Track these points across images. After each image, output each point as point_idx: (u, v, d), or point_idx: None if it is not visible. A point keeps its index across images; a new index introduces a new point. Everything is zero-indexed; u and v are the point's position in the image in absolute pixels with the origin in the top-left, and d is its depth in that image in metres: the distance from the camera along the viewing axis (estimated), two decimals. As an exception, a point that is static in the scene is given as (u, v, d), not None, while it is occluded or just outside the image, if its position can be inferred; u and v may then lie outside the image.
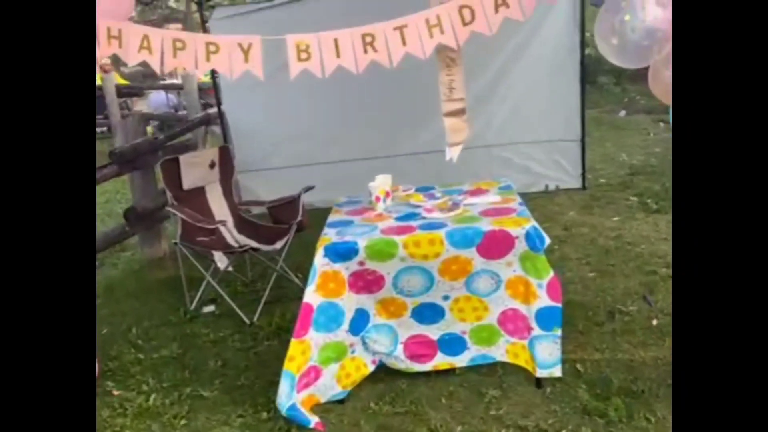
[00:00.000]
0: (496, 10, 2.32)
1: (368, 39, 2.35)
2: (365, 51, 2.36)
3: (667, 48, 2.13)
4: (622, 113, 9.38)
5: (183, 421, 2.72)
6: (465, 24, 2.35)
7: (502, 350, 2.79)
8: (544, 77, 5.28)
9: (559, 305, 2.67)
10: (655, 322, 3.12)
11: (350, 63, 2.38)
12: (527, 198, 4.82)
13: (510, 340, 2.77)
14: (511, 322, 2.76)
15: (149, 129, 9.40)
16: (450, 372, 2.81)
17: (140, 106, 11.23)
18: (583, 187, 5.50)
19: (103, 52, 2.30)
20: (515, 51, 5.19)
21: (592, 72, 8.53)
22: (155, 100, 10.78)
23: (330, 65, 2.37)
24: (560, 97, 5.34)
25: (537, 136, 5.44)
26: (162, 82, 10.87)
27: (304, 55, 2.35)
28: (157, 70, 2.50)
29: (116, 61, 10.30)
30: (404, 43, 2.37)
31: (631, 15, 2.10)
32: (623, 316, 3.22)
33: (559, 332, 2.69)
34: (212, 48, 2.31)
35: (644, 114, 8.88)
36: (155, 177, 4.56)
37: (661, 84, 2.28)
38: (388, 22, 2.36)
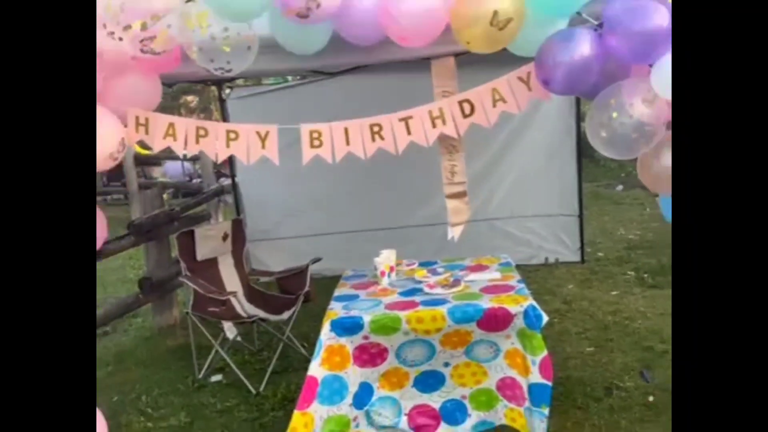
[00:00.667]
0: (494, 105, 2.47)
1: (376, 128, 2.50)
2: (373, 139, 2.50)
3: (655, 141, 2.25)
4: (620, 188, 9.50)
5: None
6: (465, 116, 2.50)
7: (500, 414, 2.83)
8: (542, 156, 5.46)
9: (550, 384, 2.68)
10: (651, 398, 3.13)
11: (359, 150, 2.52)
12: (528, 270, 4.95)
13: (508, 405, 2.81)
14: (510, 389, 2.80)
15: (165, 196, 9.64)
16: (452, 445, 2.81)
17: (156, 173, 11.55)
18: (582, 261, 5.57)
19: (131, 138, 2.45)
20: (513, 131, 5.37)
21: (590, 146, 8.65)
22: (172, 169, 11.09)
23: (340, 152, 2.51)
24: (558, 173, 5.51)
25: (537, 211, 5.58)
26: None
27: (316, 143, 2.49)
28: (180, 155, 2.63)
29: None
30: (409, 133, 2.52)
31: (618, 113, 2.21)
32: (620, 392, 3.23)
33: (546, 411, 2.68)
34: (232, 135, 2.46)
35: (641, 189, 8.93)
36: (170, 246, 4.67)
37: (650, 174, 2.39)
38: (394, 114, 2.52)
